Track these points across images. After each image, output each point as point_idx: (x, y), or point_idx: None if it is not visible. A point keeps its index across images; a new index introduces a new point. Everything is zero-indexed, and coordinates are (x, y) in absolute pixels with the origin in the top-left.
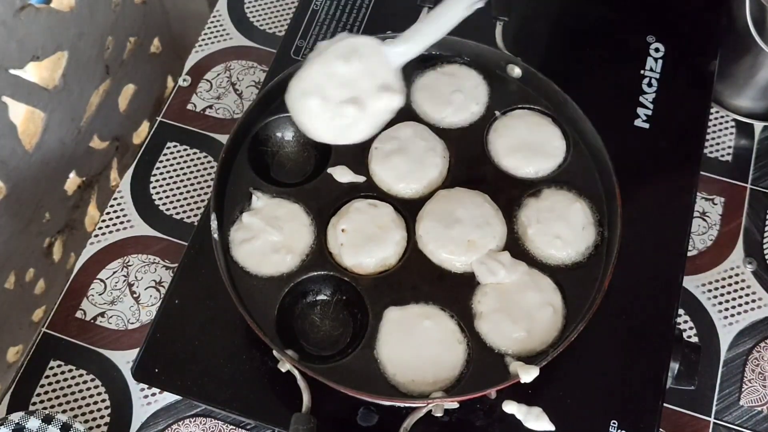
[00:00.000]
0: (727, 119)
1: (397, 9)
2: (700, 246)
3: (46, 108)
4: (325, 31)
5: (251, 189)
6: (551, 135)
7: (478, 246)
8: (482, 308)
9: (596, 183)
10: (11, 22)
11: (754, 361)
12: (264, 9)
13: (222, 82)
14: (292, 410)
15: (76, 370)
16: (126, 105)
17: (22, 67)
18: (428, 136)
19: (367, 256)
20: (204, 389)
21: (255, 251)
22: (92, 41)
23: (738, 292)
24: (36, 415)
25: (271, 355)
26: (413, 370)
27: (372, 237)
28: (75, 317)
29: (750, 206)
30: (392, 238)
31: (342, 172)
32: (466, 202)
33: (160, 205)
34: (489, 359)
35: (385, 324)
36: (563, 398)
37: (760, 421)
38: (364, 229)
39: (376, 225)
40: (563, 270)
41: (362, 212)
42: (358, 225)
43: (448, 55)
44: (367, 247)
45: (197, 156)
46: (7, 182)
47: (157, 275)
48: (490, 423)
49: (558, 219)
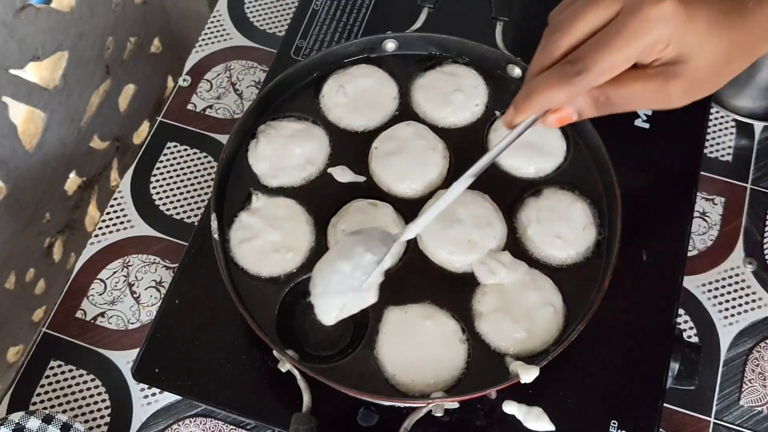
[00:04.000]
0: (727, 119)
1: (397, 9)
2: (700, 246)
3: (46, 108)
4: (325, 31)
5: (251, 189)
6: (551, 135)
7: (478, 246)
8: (482, 308)
9: (596, 183)
10: (11, 22)
11: (754, 361)
12: (264, 9)
13: (222, 82)
14: (292, 410)
15: (76, 370)
16: (126, 105)
17: (23, 67)
18: (428, 136)
19: None
20: (204, 389)
21: (255, 251)
22: (92, 41)
23: (738, 292)
24: (36, 415)
25: (271, 355)
26: (413, 370)
27: None
28: (75, 317)
29: (750, 206)
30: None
31: (342, 172)
32: (466, 202)
33: (160, 205)
34: (489, 359)
35: (385, 324)
36: (563, 398)
37: (760, 420)
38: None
39: (376, 225)
40: (563, 270)
41: (362, 212)
42: (358, 225)
43: (448, 55)
44: None
45: (197, 156)
46: (7, 182)
47: (157, 275)
48: (490, 423)
49: (558, 219)
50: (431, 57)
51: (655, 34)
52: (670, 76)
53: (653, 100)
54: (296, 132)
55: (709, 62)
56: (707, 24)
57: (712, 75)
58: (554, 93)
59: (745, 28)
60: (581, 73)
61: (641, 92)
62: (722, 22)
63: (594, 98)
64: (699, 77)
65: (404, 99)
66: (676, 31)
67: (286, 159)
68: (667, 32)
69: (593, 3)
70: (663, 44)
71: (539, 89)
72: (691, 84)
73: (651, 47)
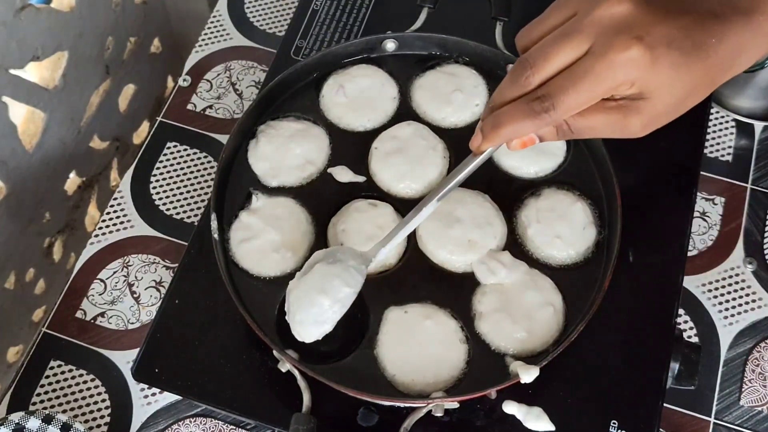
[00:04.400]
0: (727, 119)
1: (397, 9)
2: (700, 246)
3: (46, 108)
4: (325, 31)
5: (251, 189)
6: None
7: (478, 246)
8: (482, 308)
9: (596, 183)
10: (11, 22)
11: (754, 361)
12: (264, 9)
13: (222, 82)
14: (292, 410)
15: (76, 370)
16: (126, 105)
17: (22, 67)
18: (428, 136)
19: None
20: (204, 389)
21: (255, 251)
22: (92, 41)
23: (738, 292)
24: (36, 415)
25: (271, 355)
26: (413, 370)
27: (372, 237)
28: (75, 317)
29: (750, 206)
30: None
31: (342, 172)
32: (466, 202)
33: (160, 205)
34: (489, 359)
35: (385, 324)
36: (563, 398)
37: (760, 420)
38: (364, 229)
39: (376, 225)
40: (563, 270)
41: (362, 212)
42: (358, 225)
43: (448, 55)
44: (367, 247)
45: (197, 156)
46: (7, 182)
47: (157, 275)
48: (490, 423)
49: (558, 219)
50: (431, 57)
51: (620, 78)
52: (632, 110)
53: (613, 131)
54: (296, 132)
55: (668, 99)
56: (670, 67)
57: (672, 109)
58: (522, 126)
59: (706, 64)
60: (549, 110)
61: (602, 124)
62: (685, 64)
63: (557, 127)
64: (659, 112)
65: (404, 99)
66: (640, 74)
67: (286, 159)
68: (632, 76)
69: (564, 42)
70: (627, 86)
71: (509, 122)
72: (650, 119)
73: (616, 89)
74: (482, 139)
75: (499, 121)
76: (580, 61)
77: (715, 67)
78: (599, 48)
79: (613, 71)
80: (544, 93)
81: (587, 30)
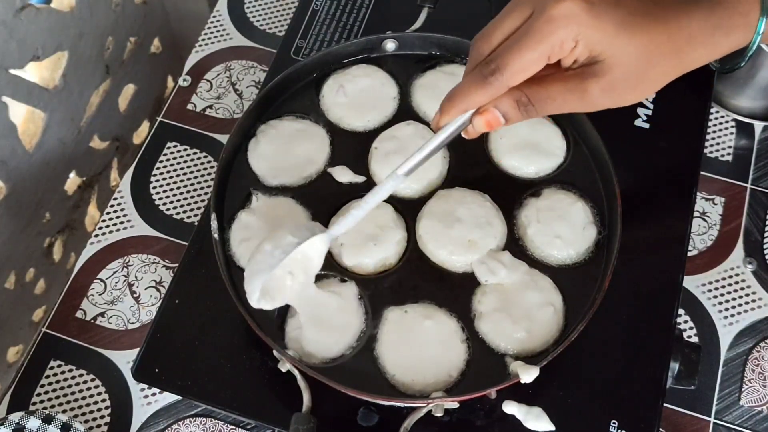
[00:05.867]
0: (727, 119)
1: (397, 9)
2: (700, 246)
3: (46, 108)
4: (325, 31)
5: (251, 189)
6: (551, 135)
7: (478, 246)
8: (482, 308)
9: (596, 183)
10: (11, 22)
11: (754, 361)
12: (264, 9)
13: (222, 82)
14: (292, 410)
15: (76, 370)
16: (126, 105)
17: (23, 67)
18: (428, 136)
19: (367, 256)
20: (204, 389)
21: None
22: (92, 41)
23: (738, 292)
24: (36, 415)
25: (271, 355)
26: (413, 370)
27: (372, 237)
28: (75, 317)
29: (750, 206)
30: (392, 238)
31: (342, 172)
32: (466, 202)
33: (160, 205)
34: (489, 359)
35: (385, 324)
36: (563, 398)
37: (760, 420)
38: (364, 229)
39: (376, 225)
40: (563, 270)
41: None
42: (358, 225)
43: (448, 55)
44: (367, 247)
45: (197, 156)
46: (7, 182)
47: (157, 275)
48: (490, 423)
49: (558, 219)
50: (431, 57)
51: (561, 33)
52: (588, 75)
53: (573, 100)
54: (296, 132)
55: (625, 62)
56: (615, 24)
57: (632, 76)
58: (473, 94)
59: (664, 32)
60: (495, 72)
61: (560, 92)
62: (632, 24)
63: (516, 100)
64: (617, 77)
65: (404, 99)
66: (581, 30)
67: (286, 159)
68: (573, 31)
69: (509, 10)
70: (571, 42)
71: (460, 91)
72: (609, 84)
73: (559, 46)
74: (439, 113)
75: (452, 93)
76: (524, 24)
77: (679, 36)
78: (539, 7)
79: (553, 26)
80: (490, 58)
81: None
